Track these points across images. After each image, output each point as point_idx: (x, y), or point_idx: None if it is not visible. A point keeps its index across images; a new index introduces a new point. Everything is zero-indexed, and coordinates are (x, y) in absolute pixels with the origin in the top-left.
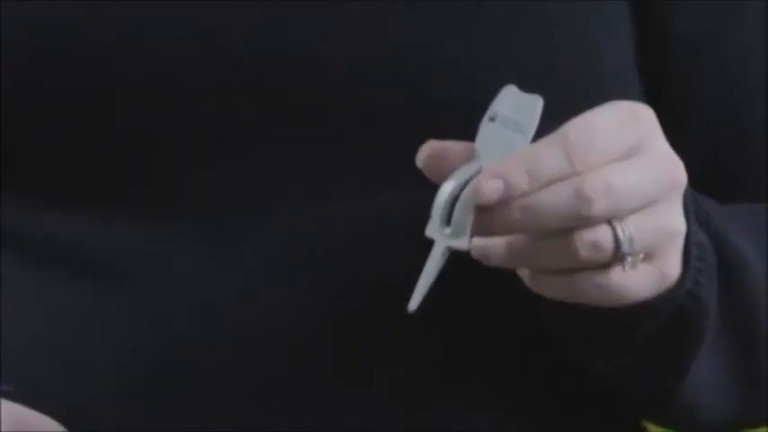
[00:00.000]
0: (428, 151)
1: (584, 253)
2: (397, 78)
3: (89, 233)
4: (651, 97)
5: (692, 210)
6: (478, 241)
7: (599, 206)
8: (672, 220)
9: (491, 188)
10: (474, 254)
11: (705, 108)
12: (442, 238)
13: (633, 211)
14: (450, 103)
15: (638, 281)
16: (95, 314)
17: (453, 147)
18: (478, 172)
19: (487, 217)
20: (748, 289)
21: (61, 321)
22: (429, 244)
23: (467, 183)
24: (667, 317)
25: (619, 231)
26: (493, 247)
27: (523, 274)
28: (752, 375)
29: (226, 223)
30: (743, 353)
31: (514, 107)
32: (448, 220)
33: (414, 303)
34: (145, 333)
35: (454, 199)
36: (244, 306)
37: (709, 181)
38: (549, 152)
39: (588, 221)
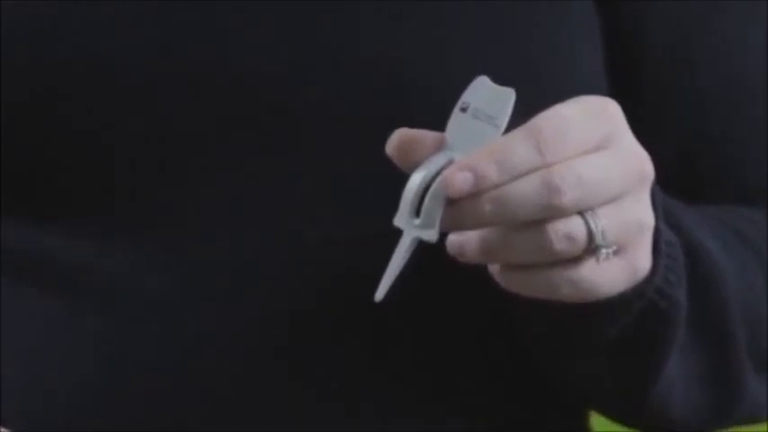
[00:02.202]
0: (398, 139)
1: (558, 245)
2: (370, 90)
3: (58, 248)
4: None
5: (659, 205)
6: (453, 236)
7: (569, 197)
8: (641, 213)
9: (460, 180)
10: (449, 249)
11: (675, 114)
12: (411, 228)
13: (603, 203)
14: (423, 113)
15: (610, 275)
16: (65, 329)
17: (423, 135)
18: (449, 163)
19: (458, 209)
20: (718, 288)
21: (31, 337)
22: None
23: (437, 173)
24: (639, 313)
25: (591, 223)
26: (467, 242)
27: (495, 271)
28: (722, 374)
29: (195, 237)
30: (713, 352)
31: (486, 99)
32: (417, 210)
33: (380, 293)
34: (115, 347)
35: (424, 190)
36: (214, 318)
37: (679, 183)
38: (520, 144)
39: (559, 212)
